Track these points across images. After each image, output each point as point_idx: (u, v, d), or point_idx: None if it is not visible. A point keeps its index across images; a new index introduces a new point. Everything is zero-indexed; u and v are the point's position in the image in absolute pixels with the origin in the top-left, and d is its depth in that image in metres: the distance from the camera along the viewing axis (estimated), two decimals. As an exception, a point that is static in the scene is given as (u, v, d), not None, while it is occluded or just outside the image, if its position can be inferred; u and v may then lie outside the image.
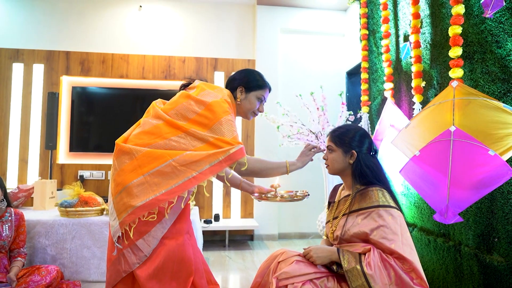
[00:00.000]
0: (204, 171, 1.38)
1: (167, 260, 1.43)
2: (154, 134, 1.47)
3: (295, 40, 4.68)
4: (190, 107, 1.50)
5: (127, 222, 1.35)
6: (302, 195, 1.68)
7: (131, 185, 1.37)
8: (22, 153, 4.10)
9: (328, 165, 1.61)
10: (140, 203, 1.34)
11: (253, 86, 1.65)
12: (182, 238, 1.51)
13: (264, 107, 1.71)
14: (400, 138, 1.83)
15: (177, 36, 4.48)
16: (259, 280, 1.50)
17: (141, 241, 1.40)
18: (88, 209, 2.86)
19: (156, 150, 1.41)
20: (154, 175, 1.37)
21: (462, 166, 1.43)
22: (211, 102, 1.50)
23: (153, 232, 1.41)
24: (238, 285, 2.88)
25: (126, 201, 1.37)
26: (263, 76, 1.70)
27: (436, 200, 1.52)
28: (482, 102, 1.51)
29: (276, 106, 3.47)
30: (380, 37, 2.85)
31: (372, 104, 3.04)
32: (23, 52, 4.15)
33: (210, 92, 1.56)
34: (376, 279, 1.29)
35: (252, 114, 1.70)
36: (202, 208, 4.29)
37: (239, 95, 1.64)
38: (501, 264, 1.62)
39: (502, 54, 1.64)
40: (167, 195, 1.36)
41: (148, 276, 1.39)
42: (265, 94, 1.68)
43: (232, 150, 1.40)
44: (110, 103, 4.24)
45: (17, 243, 2.40)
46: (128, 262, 1.39)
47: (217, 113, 1.47)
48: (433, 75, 2.15)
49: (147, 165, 1.39)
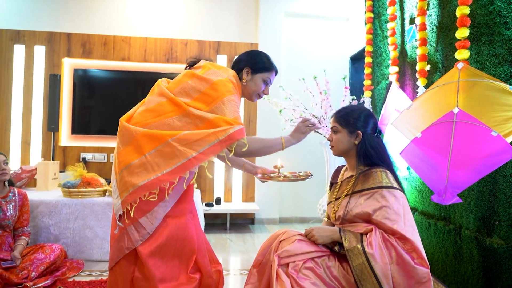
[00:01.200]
0: (204, 151, 1.37)
1: (170, 238, 1.45)
2: (157, 112, 1.46)
3: (299, 24, 4.62)
4: (194, 85, 1.49)
5: (128, 201, 1.36)
6: (305, 175, 1.68)
7: (132, 165, 1.38)
8: (24, 135, 4.11)
9: (333, 146, 1.60)
10: (142, 183, 1.35)
11: (259, 68, 1.63)
12: (185, 217, 1.52)
13: (268, 90, 1.69)
14: (401, 120, 1.82)
15: (180, 19, 4.42)
16: (260, 258, 1.51)
17: (144, 218, 1.41)
18: (91, 189, 2.88)
19: (155, 131, 1.40)
20: (155, 155, 1.37)
21: (463, 147, 1.42)
22: (216, 80, 1.49)
23: (156, 210, 1.42)
24: (239, 266, 2.92)
25: (127, 180, 1.37)
26: (270, 58, 1.68)
27: (435, 181, 1.52)
28: (488, 84, 1.50)
29: (279, 90, 3.44)
30: (385, 20, 2.81)
31: (375, 89, 3.02)
32: (24, 34, 4.12)
33: (216, 71, 1.54)
34: (376, 258, 1.30)
35: (256, 96, 1.68)
36: (203, 191, 4.31)
37: (245, 76, 1.62)
38: (501, 246, 1.63)
39: (510, 35, 1.61)
40: (168, 176, 1.36)
41: (150, 253, 1.41)
42: (271, 76, 1.66)
43: (232, 130, 1.39)
44: (112, 85, 4.22)
45: (21, 222, 2.43)
46: (131, 239, 1.41)
47: (220, 92, 1.46)
48: (438, 58, 2.13)
49: (147, 145, 1.38)
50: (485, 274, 1.72)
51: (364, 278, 1.30)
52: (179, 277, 1.46)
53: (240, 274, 2.68)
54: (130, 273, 1.44)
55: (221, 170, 4.37)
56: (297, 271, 1.35)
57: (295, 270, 1.35)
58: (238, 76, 1.63)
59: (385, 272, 1.29)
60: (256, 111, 4.43)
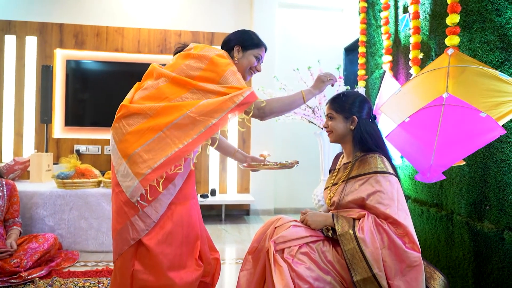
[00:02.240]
0: (223, 116, 1.39)
1: (176, 225, 1.44)
2: (158, 98, 1.44)
3: (293, 14, 4.60)
4: (193, 65, 1.49)
5: (152, 179, 1.34)
6: (288, 164, 1.65)
7: (151, 142, 1.36)
8: (17, 127, 4.07)
9: (331, 131, 1.61)
10: (165, 157, 1.34)
11: (249, 44, 1.63)
12: (189, 203, 1.53)
13: (261, 67, 1.70)
14: (389, 104, 1.82)
15: (173, 9, 4.39)
16: (255, 245, 1.52)
17: (149, 207, 1.40)
18: (85, 180, 2.87)
19: (170, 104, 1.40)
20: (174, 129, 1.37)
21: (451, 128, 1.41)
22: (213, 56, 1.49)
23: (160, 198, 1.42)
24: (234, 256, 2.94)
25: (147, 157, 1.35)
26: (258, 35, 1.69)
27: (420, 161, 1.52)
28: (478, 70, 1.51)
29: (273, 80, 3.44)
30: (379, 9, 2.81)
31: (369, 79, 3.03)
32: (15, 24, 4.06)
33: (210, 49, 1.55)
34: (367, 243, 1.32)
35: (249, 72, 1.68)
36: (198, 182, 4.32)
37: (236, 54, 1.63)
38: (491, 230, 1.66)
39: (501, 22, 1.62)
40: (191, 146, 1.36)
41: (158, 242, 1.40)
42: (261, 52, 1.67)
43: (247, 93, 1.41)
44: (105, 77, 4.19)
45: (11, 213, 2.43)
46: (136, 230, 1.39)
47: (221, 66, 1.47)
48: (431, 46, 2.14)
49: (164, 120, 1.37)
50: (476, 258, 1.75)
51: (355, 262, 1.32)
52: (187, 264, 1.46)
53: (235, 263, 2.70)
54: (129, 267, 1.42)
55: (216, 162, 4.37)
56: (293, 256, 1.36)
57: (290, 255, 1.36)
58: (229, 55, 1.63)
59: (376, 257, 1.30)
60: (251, 102, 4.42)
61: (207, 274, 1.57)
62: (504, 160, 1.62)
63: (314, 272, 1.35)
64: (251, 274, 1.47)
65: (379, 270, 1.30)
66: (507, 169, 1.61)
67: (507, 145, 1.61)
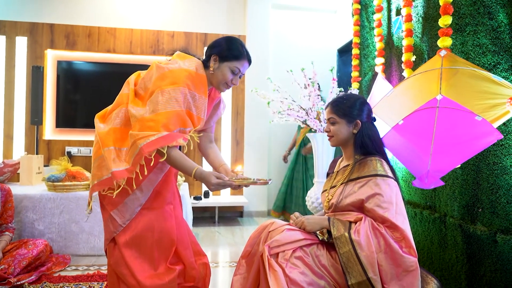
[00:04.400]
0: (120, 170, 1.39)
1: (146, 230, 1.48)
2: (115, 104, 1.55)
3: (287, 16, 4.60)
4: (151, 76, 1.48)
5: (98, 190, 1.47)
6: (252, 182, 1.51)
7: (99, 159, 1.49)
8: (6, 129, 4.01)
9: (332, 136, 1.59)
10: (99, 179, 1.45)
11: (227, 55, 1.50)
12: (163, 209, 1.53)
13: (238, 80, 1.56)
14: (381, 106, 1.82)
15: (166, 10, 4.36)
16: (249, 249, 1.51)
17: (115, 211, 1.46)
18: (76, 183, 2.83)
19: (98, 139, 1.49)
20: (99, 161, 1.48)
21: (446, 132, 1.42)
22: (167, 71, 1.44)
23: (126, 203, 1.46)
24: (228, 258, 2.92)
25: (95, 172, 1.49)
26: (243, 46, 1.55)
27: (417, 166, 1.53)
28: (471, 72, 1.51)
29: (267, 82, 3.43)
30: (372, 12, 2.82)
31: (362, 80, 3.03)
32: (5, 24, 4.00)
33: (178, 61, 1.51)
34: (363, 246, 1.31)
35: (224, 85, 1.55)
36: (191, 184, 4.29)
37: (212, 64, 1.52)
38: (484, 233, 1.66)
39: (494, 25, 1.63)
40: (97, 186, 1.45)
41: (125, 243, 1.45)
42: (240, 66, 1.52)
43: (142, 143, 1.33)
44: (97, 78, 4.15)
45: (5, 219, 2.38)
46: (113, 225, 1.48)
47: (165, 82, 1.41)
48: (424, 49, 2.15)
49: (97, 149, 1.52)
50: (468, 261, 1.76)
51: (350, 266, 1.31)
52: (157, 268, 1.48)
53: (229, 266, 2.68)
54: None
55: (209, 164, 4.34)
56: (287, 260, 1.35)
57: (284, 260, 1.35)
58: (207, 63, 1.55)
59: (371, 261, 1.29)
60: (244, 104, 4.41)
61: (192, 279, 1.56)
62: (497, 163, 1.63)
63: (308, 277, 1.34)
64: (245, 279, 1.46)
65: (374, 274, 1.29)
66: (500, 171, 1.62)
67: (500, 148, 1.62)
